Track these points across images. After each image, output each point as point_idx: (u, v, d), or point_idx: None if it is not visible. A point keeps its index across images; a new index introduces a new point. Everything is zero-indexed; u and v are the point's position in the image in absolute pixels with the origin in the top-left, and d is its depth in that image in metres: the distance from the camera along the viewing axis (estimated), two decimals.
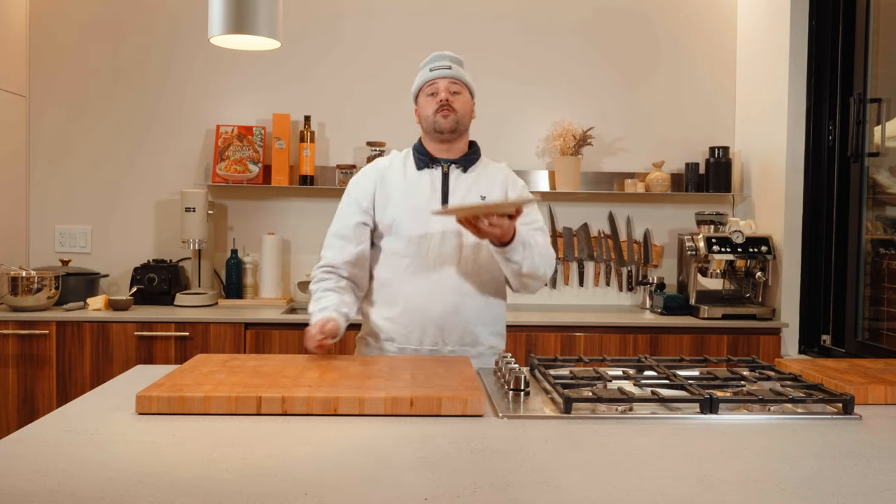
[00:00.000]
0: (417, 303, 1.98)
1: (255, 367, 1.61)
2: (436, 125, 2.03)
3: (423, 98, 2.08)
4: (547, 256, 1.99)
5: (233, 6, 1.98)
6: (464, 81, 2.08)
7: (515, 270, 1.93)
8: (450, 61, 2.08)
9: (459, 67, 2.09)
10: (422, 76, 2.10)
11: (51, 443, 1.19)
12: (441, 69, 2.06)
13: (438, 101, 2.03)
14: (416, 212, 1.99)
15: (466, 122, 2.08)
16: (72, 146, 3.61)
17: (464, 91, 2.07)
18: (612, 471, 1.10)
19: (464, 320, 1.99)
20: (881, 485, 1.07)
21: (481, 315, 2.01)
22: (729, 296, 3.39)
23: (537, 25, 3.67)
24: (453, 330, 1.98)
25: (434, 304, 1.97)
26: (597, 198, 3.69)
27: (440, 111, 2.02)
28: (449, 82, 2.05)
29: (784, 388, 1.54)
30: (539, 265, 1.95)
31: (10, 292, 3.07)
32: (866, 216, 2.99)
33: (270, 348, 3.04)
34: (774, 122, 3.32)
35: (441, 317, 1.97)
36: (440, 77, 2.05)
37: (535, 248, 1.93)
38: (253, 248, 3.62)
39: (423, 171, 2.06)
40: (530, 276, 1.96)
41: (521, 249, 1.89)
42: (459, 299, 1.98)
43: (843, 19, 3.09)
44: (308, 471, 1.08)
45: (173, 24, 3.61)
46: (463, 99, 2.06)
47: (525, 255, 1.90)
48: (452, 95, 2.04)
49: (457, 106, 2.03)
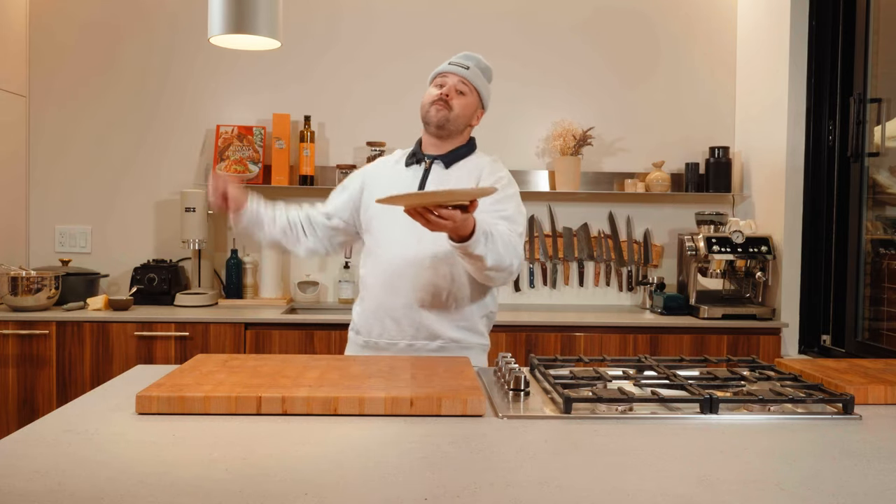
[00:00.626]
0: (377, 296, 2.03)
1: (255, 367, 1.61)
2: (426, 115, 2.04)
3: (430, 86, 2.09)
4: (512, 246, 1.84)
5: (233, 6, 1.98)
6: (475, 86, 2.06)
7: (478, 266, 1.80)
8: (471, 62, 2.07)
9: (479, 73, 2.07)
10: (438, 67, 2.10)
11: (51, 443, 1.19)
12: (458, 66, 2.05)
13: (439, 93, 2.02)
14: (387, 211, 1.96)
15: (460, 124, 2.04)
16: (72, 146, 3.61)
17: (471, 95, 2.05)
18: (612, 471, 1.10)
19: (419, 314, 2.00)
20: (881, 485, 1.06)
21: (441, 309, 2.00)
22: (729, 296, 3.39)
23: (537, 25, 3.68)
24: (409, 324, 2.01)
25: (390, 298, 2.01)
26: (597, 198, 3.69)
27: (435, 103, 2.02)
28: (459, 80, 2.04)
29: (784, 388, 1.54)
30: (504, 256, 1.80)
31: (10, 292, 3.07)
32: (866, 216, 2.99)
33: (270, 348, 3.04)
34: (774, 122, 3.32)
35: (396, 310, 2.00)
36: (453, 72, 2.04)
37: (497, 238, 1.78)
38: (253, 248, 3.62)
39: (411, 166, 2.09)
40: (495, 269, 1.82)
41: (482, 242, 1.73)
42: (415, 293, 1.99)
43: (843, 19, 3.09)
44: (308, 471, 1.08)
45: (173, 24, 3.61)
46: (465, 101, 2.04)
47: (488, 248, 1.75)
48: (456, 94, 2.03)
49: (454, 104, 2.02)
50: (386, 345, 2.04)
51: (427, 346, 2.02)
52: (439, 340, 2.02)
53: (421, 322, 2.01)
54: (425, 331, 2.02)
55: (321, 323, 3.06)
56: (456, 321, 2.03)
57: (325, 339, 3.04)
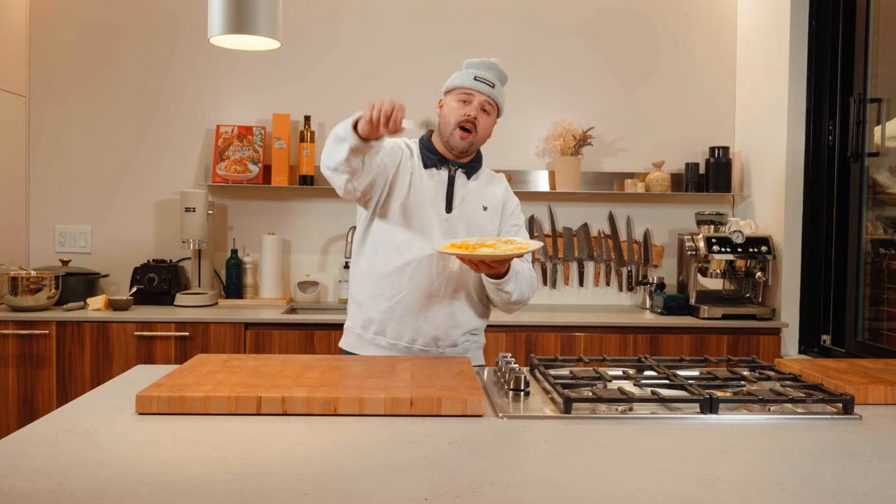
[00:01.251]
0: (415, 303, 1.97)
1: (255, 367, 1.61)
2: (451, 139, 1.99)
3: (453, 99, 2.00)
4: (531, 281, 2.04)
5: (233, 6, 1.98)
6: (499, 104, 2.03)
7: (505, 299, 1.98)
8: (496, 77, 2.02)
9: (501, 87, 2.04)
10: (463, 78, 2.00)
11: (51, 443, 1.19)
12: (484, 83, 1.98)
13: (466, 114, 1.97)
14: (421, 211, 1.98)
15: (479, 144, 2.06)
16: (72, 146, 3.61)
17: (493, 112, 2.03)
18: (612, 471, 1.10)
19: (459, 324, 2.01)
20: (881, 485, 1.07)
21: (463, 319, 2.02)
22: (729, 296, 3.39)
23: (537, 25, 3.68)
24: (448, 333, 2.01)
25: (433, 307, 1.98)
26: (597, 198, 3.69)
27: (462, 127, 1.97)
28: (485, 100, 1.99)
29: (784, 388, 1.54)
30: (525, 292, 2.00)
31: (10, 292, 3.07)
32: (866, 216, 2.99)
33: (270, 348, 3.04)
34: (774, 122, 3.32)
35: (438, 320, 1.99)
36: (479, 91, 1.98)
37: (522, 276, 1.97)
38: (253, 248, 3.62)
39: (430, 169, 2.03)
40: (517, 303, 2.00)
41: (513, 280, 1.93)
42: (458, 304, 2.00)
43: (843, 19, 3.09)
44: (308, 471, 1.08)
45: (173, 24, 3.61)
46: (488, 121, 2.02)
47: (516, 286, 1.95)
48: (482, 114, 1.99)
49: (479, 126, 1.99)
50: (419, 351, 2.00)
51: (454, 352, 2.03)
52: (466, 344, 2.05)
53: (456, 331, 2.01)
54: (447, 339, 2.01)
55: (321, 323, 3.06)
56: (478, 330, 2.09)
57: (325, 339, 3.04)
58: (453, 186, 2.03)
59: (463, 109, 1.98)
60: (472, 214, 2.03)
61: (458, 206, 2.02)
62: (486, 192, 2.08)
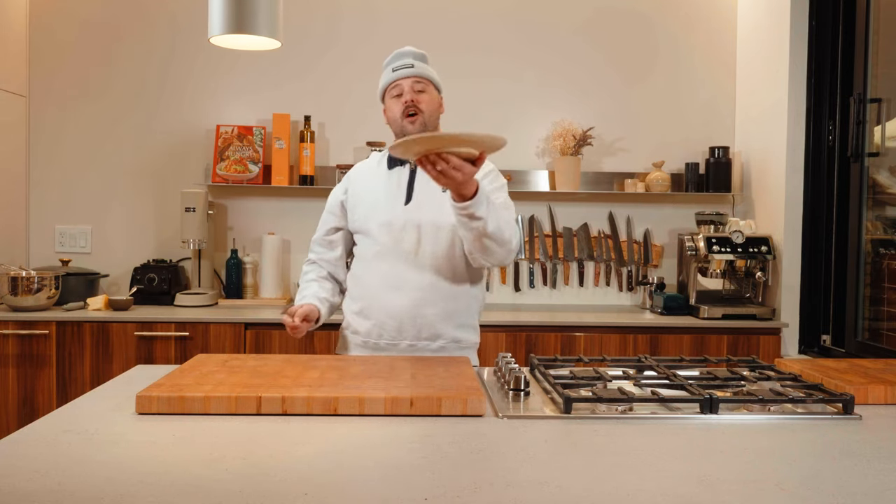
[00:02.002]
0: (377, 298, 2.03)
1: (255, 367, 1.61)
2: (404, 130, 2.03)
3: (388, 100, 2.08)
4: (511, 224, 1.90)
5: (233, 6, 1.98)
6: (428, 77, 2.06)
7: (479, 229, 1.79)
8: (412, 58, 2.06)
9: (422, 63, 2.07)
10: (385, 77, 2.08)
11: (51, 443, 1.19)
12: (403, 68, 2.04)
13: (404, 102, 2.02)
14: (380, 210, 2.04)
15: (434, 120, 2.07)
16: (72, 146, 3.61)
17: (429, 87, 2.05)
18: (612, 471, 1.10)
19: (421, 315, 2.00)
20: (881, 485, 1.06)
21: (442, 309, 2.02)
22: (729, 296, 3.39)
23: (537, 25, 3.68)
24: (410, 325, 2.01)
25: (391, 300, 2.01)
26: (597, 198, 3.69)
27: (406, 115, 2.01)
28: (413, 81, 2.03)
29: (784, 388, 1.54)
30: (504, 228, 1.84)
31: (10, 292, 3.07)
32: (866, 216, 2.99)
33: (270, 348, 3.04)
34: (774, 122, 3.32)
35: (399, 312, 2.01)
36: (403, 77, 2.03)
37: (498, 209, 1.85)
38: (253, 248, 3.62)
39: (394, 169, 2.09)
40: (493, 239, 1.83)
41: (485, 204, 1.77)
42: (417, 294, 2.00)
43: (843, 19, 3.09)
44: (308, 471, 1.08)
45: (173, 24, 3.61)
46: (428, 96, 2.04)
47: (490, 213, 1.78)
48: (417, 94, 2.02)
49: (423, 105, 2.02)
50: (386, 345, 2.04)
51: (429, 347, 2.03)
52: (441, 340, 2.03)
53: (423, 322, 2.01)
54: (427, 331, 2.02)
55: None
56: (456, 319, 2.05)
57: (325, 339, 3.05)
58: (413, 180, 2.05)
59: (399, 101, 2.03)
60: (431, 200, 2.00)
61: (417, 196, 2.03)
62: None
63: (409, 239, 2.00)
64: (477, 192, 1.75)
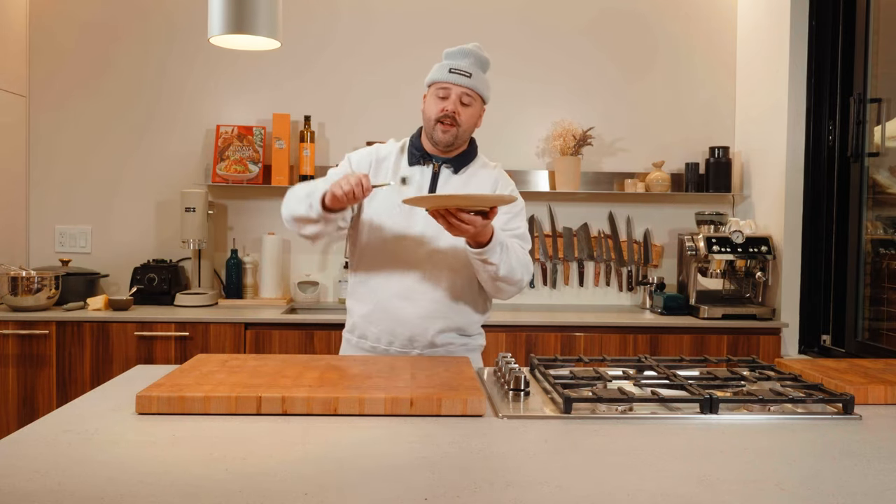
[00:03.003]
0: (389, 304, 1.96)
1: (255, 367, 1.61)
2: (434, 134, 1.97)
3: (432, 95, 1.98)
4: (525, 264, 1.94)
5: (233, 6, 1.98)
6: (479, 92, 1.97)
7: (492, 273, 1.86)
8: (471, 66, 1.96)
9: (480, 73, 1.98)
10: (439, 72, 1.96)
11: (51, 443, 1.19)
12: (460, 74, 1.94)
13: (443, 109, 1.93)
14: (399, 210, 1.95)
15: (467, 135, 2.01)
16: (72, 146, 3.61)
17: (475, 102, 1.97)
18: (612, 471, 1.10)
19: (434, 326, 1.96)
20: (881, 485, 1.07)
21: (454, 321, 1.99)
22: (729, 296, 3.39)
23: (538, 25, 3.68)
24: (421, 335, 1.96)
25: (405, 308, 1.95)
26: (597, 198, 3.69)
27: (442, 122, 1.94)
28: (463, 92, 1.94)
29: (784, 388, 1.54)
30: (516, 269, 1.89)
31: (10, 292, 3.07)
32: (866, 216, 2.99)
33: (270, 348, 3.04)
34: (774, 122, 3.32)
35: (410, 322, 1.95)
36: (456, 83, 1.93)
37: (512, 251, 1.88)
38: (253, 248, 3.62)
39: (415, 167, 2.01)
40: (506, 281, 1.89)
41: (498, 251, 1.82)
42: (431, 305, 1.95)
43: (843, 19, 3.09)
44: (308, 471, 1.08)
45: (173, 24, 3.61)
46: (470, 111, 1.97)
47: (502, 258, 1.84)
48: (461, 107, 1.94)
49: (462, 119, 1.94)
50: (397, 353, 1.98)
51: (436, 352, 2.00)
52: (450, 347, 2.02)
53: (435, 333, 1.97)
54: (438, 340, 1.98)
55: (321, 323, 3.06)
56: (466, 329, 2.03)
57: (325, 339, 3.04)
58: (436, 182, 2.00)
59: (440, 104, 1.94)
60: None
61: None
62: (470, 183, 2.01)
63: (427, 248, 1.95)
64: (491, 238, 1.80)
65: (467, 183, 2.01)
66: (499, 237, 1.82)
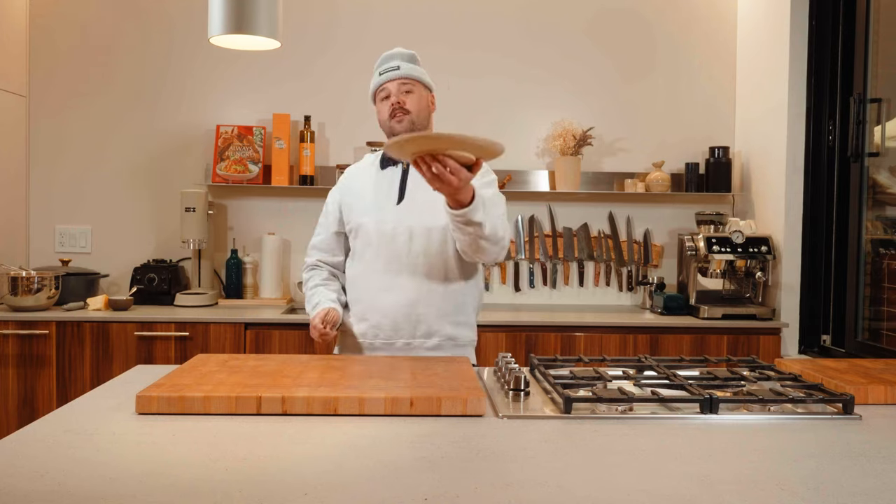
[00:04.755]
0: (372, 298, 2.04)
1: (255, 367, 1.61)
2: (392, 130, 2.05)
3: (378, 103, 2.10)
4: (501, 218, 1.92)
5: (233, 6, 1.98)
6: (415, 78, 2.06)
7: (475, 235, 1.81)
8: (399, 60, 2.07)
9: (410, 64, 2.08)
10: (373, 81, 2.10)
11: (51, 443, 1.19)
12: (389, 71, 2.05)
13: (391, 104, 2.03)
14: (372, 210, 2.05)
15: (424, 119, 2.07)
16: (72, 146, 3.61)
17: (417, 88, 2.06)
18: (612, 471, 1.10)
19: (415, 313, 2.01)
20: (881, 485, 1.06)
21: (437, 308, 2.03)
22: (729, 296, 3.39)
23: (538, 25, 3.68)
24: (405, 322, 2.02)
25: (385, 299, 2.02)
26: (597, 198, 3.69)
27: (393, 116, 2.03)
28: (399, 83, 2.04)
29: (784, 388, 1.54)
30: (498, 227, 1.86)
31: (10, 292, 3.07)
32: (866, 216, 2.99)
33: (270, 348, 3.04)
34: (774, 122, 3.32)
35: (393, 311, 2.01)
36: (389, 80, 2.05)
37: (491, 207, 1.86)
38: (253, 248, 3.62)
39: (387, 169, 2.10)
40: (491, 240, 1.85)
41: (481, 209, 1.77)
42: (411, 293, 2.01)
43: (843, 19, 3.09)
44: (308, 471, 1.08)
45: (173, 24, 3.61)
46: (416, 96, 2.05)
47: (486, 215, 1.80)
48: (405, 95, 2.03)
49: (410, 106, 2.03)
50: (382, 345, 2.05)
51: (424, 345, 2.03)
52: (436, 338, 2.04)
53: (418, 320, 2.02)
54: (422, 329, 2.03)
55: None
56: (451, 317, 2.05)
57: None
58: (406, 179, 2.06)
59: (386, 104, 2.05)
60: (423, 198, 1.96)
61: (410, 195, 2.04)
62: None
63: (401, 238, 2.01)
64: (474, 197, 1.74)
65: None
66: (480, 195, 1.77)
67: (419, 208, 2.01)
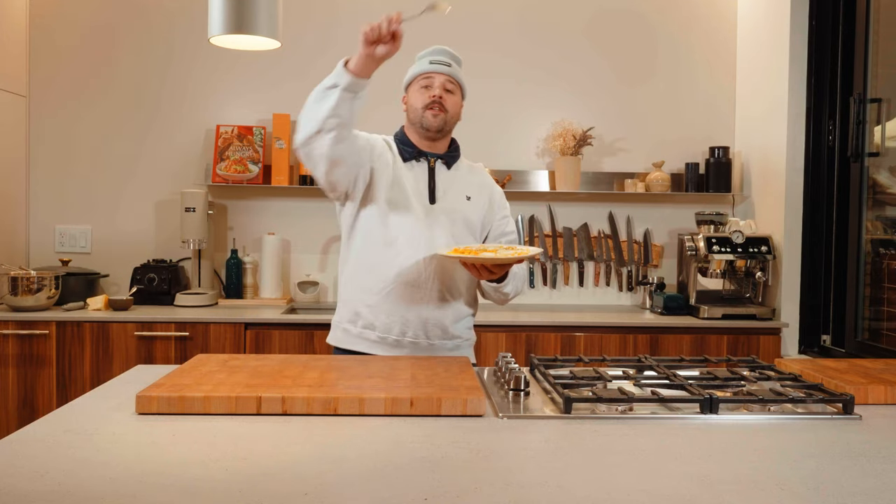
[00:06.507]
0: (403, 294, 1.97)
1: (255, 367, 1.61)
2: (423, 121, 2.01)
3: (415, 88, 2.06)
4: (524, 277, 2.14)
5: (233, 6, 1.98)
6: (459, 82, 2.08)
7: (502, 298, 2.08)
8: (450, 58, 2.08)
9: (458, 66, 2.09)
10: (419, 66, 2.08)
11: (51, 443, 1.19)
12: (440, 64, 2.05)
13: (431, 96, 2.01)
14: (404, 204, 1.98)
15: (453, 124, 2.07)
16: (72, 146, 3.61)
17: (457, 92, 2.07)
18: (612, 471, 1.10)
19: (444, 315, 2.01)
20: (881, 485, 1.06)
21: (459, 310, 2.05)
22: (729, 296, 3.39)
23: (538, 25, 3.68)
24: (435, 324, 2.00)
25: (421, 299, 1.98)
26: (597, 198, 3.69)
27: (431, 108, 2.00)
28: (446, 79, 2.04)
29: (784, 388, 1.54)
30: (520, 288, 2.11)
31: (10, 292, 3.07)
32: (866, 216, 2.99)
33: (270, 348, 3.04)
34: (774, 122, 3.32)
35: (421, 310, 1.98)
36: (438, 72, 2.04)
37: (518, 274, 2.05)
38: (253, 248, 3.62)
39: (409, 162, 2.04)
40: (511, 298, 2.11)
41: (511, 282, 2.02)
42: (440, 294, 2.00)
43: (843, 19, 3.09)
44: (308, 471, 1.08)
45: (173, 24, 3.61)
46: (455, 99, 2.05)
47: (514, 286, 2.05)
48: (446, 93, 2.02)
49: (448, 105, 2.02)
50: (409, 343, 2.00)
51: (445, 346, 2.03)
52: (457, 339, 2.06)
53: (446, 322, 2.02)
54: (449, 331, 2.03)
55: (321, 323, 3.06)
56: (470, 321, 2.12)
57: (325, 339, 3.04)
58: (434, 177, 2.04)
59: (427, 93, 2.02)
60: (455, 205, 2.03)
61: (442, 197, 2.03)
62: (468, 181, 2.09)
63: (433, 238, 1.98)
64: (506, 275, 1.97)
65: (463, 181, 2.08)
66: (511, 270, 1.97)
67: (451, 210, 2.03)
